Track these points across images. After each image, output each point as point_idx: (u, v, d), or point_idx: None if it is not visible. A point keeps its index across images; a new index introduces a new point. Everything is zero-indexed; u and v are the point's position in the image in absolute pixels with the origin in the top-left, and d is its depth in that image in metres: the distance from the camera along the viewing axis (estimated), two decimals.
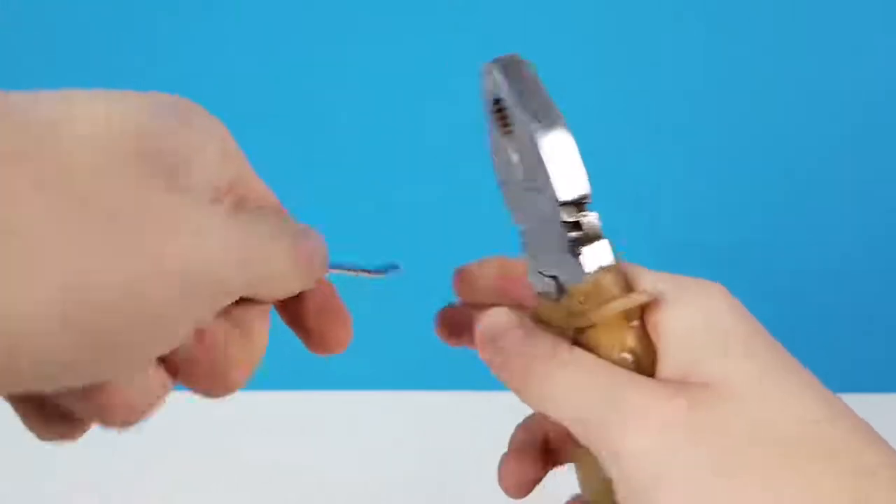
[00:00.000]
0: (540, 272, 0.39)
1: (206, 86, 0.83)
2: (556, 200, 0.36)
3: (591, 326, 0.37)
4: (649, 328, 0.36)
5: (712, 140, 0.83)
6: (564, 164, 0.36)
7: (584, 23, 0.81)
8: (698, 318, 0.36)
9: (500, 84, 0.37)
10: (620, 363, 0.36)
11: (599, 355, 0.36)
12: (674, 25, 0.80)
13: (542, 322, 0.39)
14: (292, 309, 0.37)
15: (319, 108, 0.83)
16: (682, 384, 0.34)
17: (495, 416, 0.49)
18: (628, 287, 0.37)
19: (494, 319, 0.38)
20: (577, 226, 0.36)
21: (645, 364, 0.36)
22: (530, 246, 0.39)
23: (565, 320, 0.38)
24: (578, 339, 0.37)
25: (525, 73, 0.37)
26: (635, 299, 0.36)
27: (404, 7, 0.81)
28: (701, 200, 0.83)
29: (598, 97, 0.81)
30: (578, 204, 0.36)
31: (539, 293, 0.39)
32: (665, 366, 0.35)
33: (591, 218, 0.36)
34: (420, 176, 0.83)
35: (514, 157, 0.37)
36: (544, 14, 0.80)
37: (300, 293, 0.36)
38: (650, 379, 0.35)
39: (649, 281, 0.37)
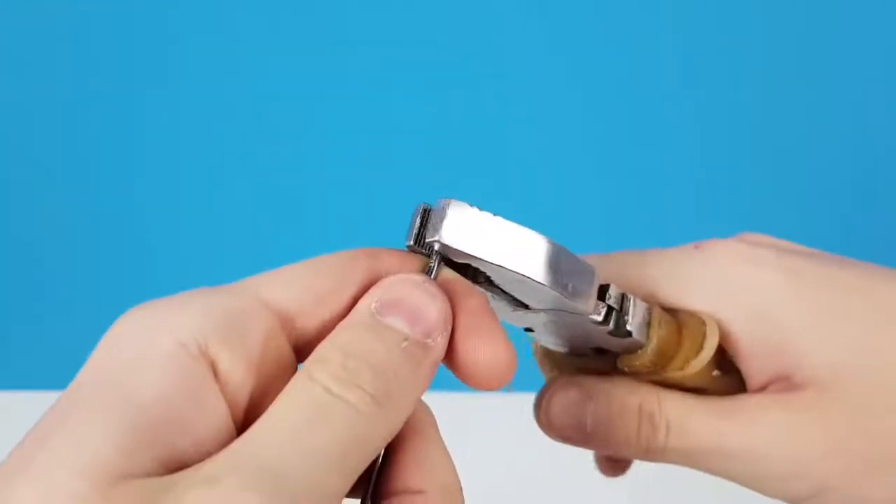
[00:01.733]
0: (565, 347, 0.38)
1: (201, 86, 0.83)
2: (591, 320, 0.34)
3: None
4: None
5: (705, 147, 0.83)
6: (581, 283, 0.32)
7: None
8: (755, 313, 0.35)
9: (463, 255, 0.31)
10: (715, 382, 0.36)
11: (688, 386, 0.36)
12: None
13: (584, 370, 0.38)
14: None
15: (311, 108, 0.83)
16: (786, 396, 0.35)
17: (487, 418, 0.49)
18: (674, 318, 0.36)
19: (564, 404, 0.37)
20: (609, 311, 0.34)
21: (735, 375, 0.37)
22: (543, 335, 0.37)
23: (626, 365, 0.36)
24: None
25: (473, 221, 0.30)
26: (712, 344, 0.35)
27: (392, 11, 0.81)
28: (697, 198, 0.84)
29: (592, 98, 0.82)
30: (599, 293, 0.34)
31: (566, 354, 0.38)
32: (753, 374, 0.36)
33: (612, 292, 0.34)
34: (418, 174, 0.83)
35: (491, 294, 0.33)
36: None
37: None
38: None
39: (677, 291, 0.36)
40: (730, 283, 0.36)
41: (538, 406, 0.38)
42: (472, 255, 0.30)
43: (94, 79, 0.83)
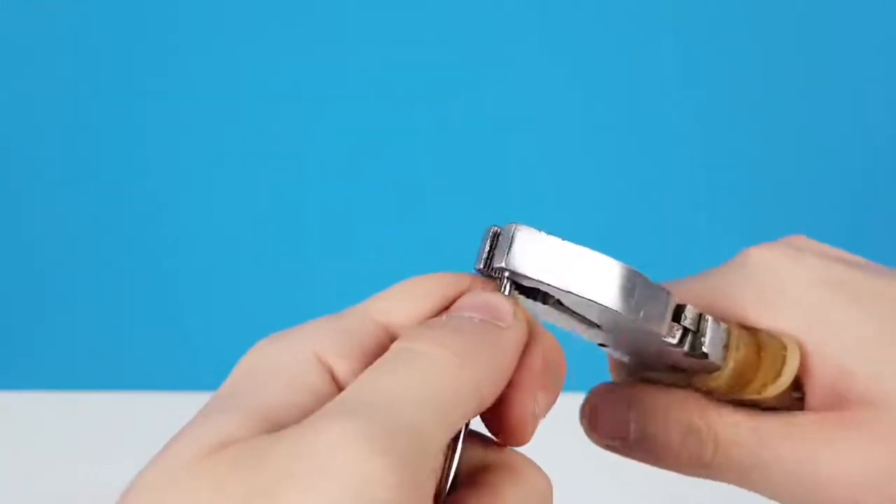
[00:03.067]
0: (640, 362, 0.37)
1: (202, 88, 0.83)
2: (666, 342, 0.33)
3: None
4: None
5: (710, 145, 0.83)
6: (655, 307, 0.32)
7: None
8: (813, 330, 0.35)
9: (533, 281, 0.31)
10: (795, 404, 0.35)
11: (764, 407, 0.35)
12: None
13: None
14: None
15: (316, 112, 0.83)
16: (842, 414, 0.34)
17: None
18: (754, 338, 0.35)
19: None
20: (684, 333, 0.33)
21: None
22: (618, 350, 0.37)
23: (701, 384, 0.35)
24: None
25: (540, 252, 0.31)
26: (792, 369, 0.34)
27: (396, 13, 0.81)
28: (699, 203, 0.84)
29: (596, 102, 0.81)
30: (676, 315, 0.33)
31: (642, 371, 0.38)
32: (811, 392, 0.35)
33: (688, 313, 0.33)
34: (418, 178, 0.83)
35: (557, 317, 0.33)
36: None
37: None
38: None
39: (747, 307, 0.35)
40: (782, 298, 0.35)
41: (583, 411, 0.38)
42: (542, 282, 0.31)
43: (95, 79, 0.83)
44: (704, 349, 0.33)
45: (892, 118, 0.83)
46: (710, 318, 0.34)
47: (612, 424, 0.37)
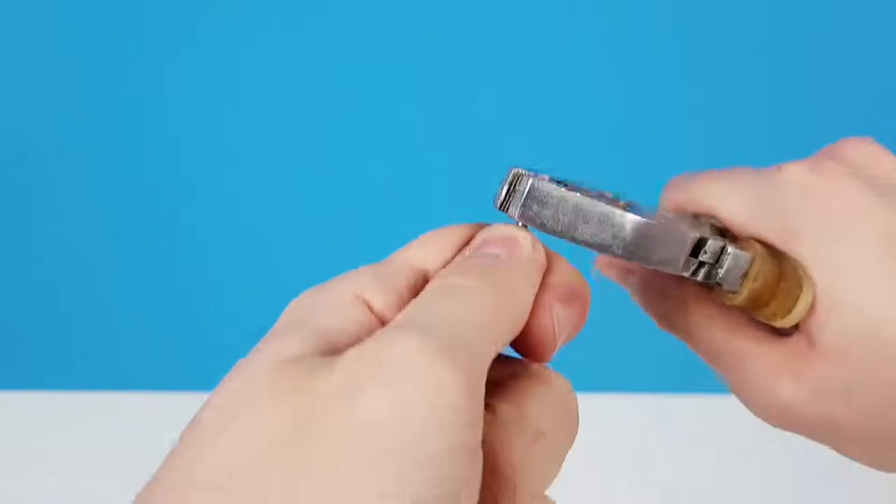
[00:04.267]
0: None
1: (204, 90, 0.83)
2: (682, 275, 0.34)
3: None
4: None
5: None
6: (671, 251, 0.33)
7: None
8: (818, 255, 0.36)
9: (545, 230, 0.33)
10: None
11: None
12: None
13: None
14: None
15: (320, 111, 0.83)
16: (808, 364, 0.36)
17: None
18: (778, 265, 0.35)
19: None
20: (700, 265, 0.34)
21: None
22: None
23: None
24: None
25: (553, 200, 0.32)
26: (805, 304, 0.34)
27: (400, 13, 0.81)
28: None
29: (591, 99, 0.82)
30: (695, 250, 0.34)
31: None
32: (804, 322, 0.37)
33: (709, 248, 0.34)
34: (419, 179, 0.83)
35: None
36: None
37: None
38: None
39: (776, 230, 0.36)
40: (813, 231, 0.35)
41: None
42: (553, 232, 0.32)
43: (95, 79, 0.83)
44: (718, 279, 0.35)
45: (892, 118, 0.83)
46: (732, 251, 0.35)
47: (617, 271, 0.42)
